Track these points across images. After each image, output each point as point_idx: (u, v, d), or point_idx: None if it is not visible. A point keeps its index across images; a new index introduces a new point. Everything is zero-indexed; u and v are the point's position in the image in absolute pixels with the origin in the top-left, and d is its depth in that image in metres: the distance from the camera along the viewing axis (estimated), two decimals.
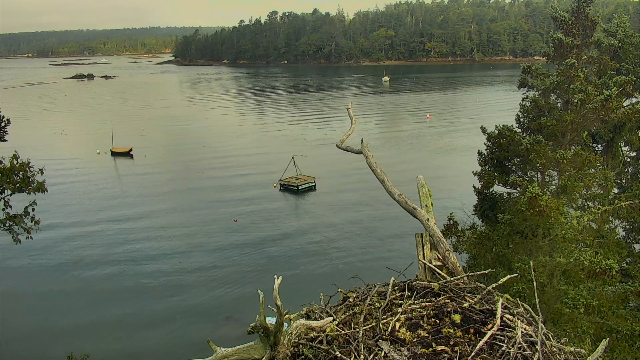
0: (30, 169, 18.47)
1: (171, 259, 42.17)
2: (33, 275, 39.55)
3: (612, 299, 15.33)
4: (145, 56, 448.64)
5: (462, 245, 17.04)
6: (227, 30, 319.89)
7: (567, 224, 15.14)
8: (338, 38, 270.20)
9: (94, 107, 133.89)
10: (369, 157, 11.19)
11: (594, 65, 18.21)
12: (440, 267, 8.07)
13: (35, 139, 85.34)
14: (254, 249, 43.43)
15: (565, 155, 15.71)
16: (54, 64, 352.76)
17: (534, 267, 13.50)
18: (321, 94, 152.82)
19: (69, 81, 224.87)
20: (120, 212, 53.69)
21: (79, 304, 35.20)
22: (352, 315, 6.51)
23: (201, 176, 66.68)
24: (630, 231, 19.72)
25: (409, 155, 72.69)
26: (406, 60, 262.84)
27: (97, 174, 68.88)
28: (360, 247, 43.02)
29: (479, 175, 18.51)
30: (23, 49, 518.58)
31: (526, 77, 18.55)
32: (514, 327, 5.92)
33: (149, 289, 37.36)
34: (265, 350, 6.13)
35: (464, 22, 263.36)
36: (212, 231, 47.78)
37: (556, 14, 17.41)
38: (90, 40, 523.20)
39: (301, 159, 61.63)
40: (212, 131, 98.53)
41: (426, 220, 8.87)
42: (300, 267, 39.79)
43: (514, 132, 17.41)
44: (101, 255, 43.04)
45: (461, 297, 6.65)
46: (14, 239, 18.93)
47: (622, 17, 20.38)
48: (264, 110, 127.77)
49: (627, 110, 16.27)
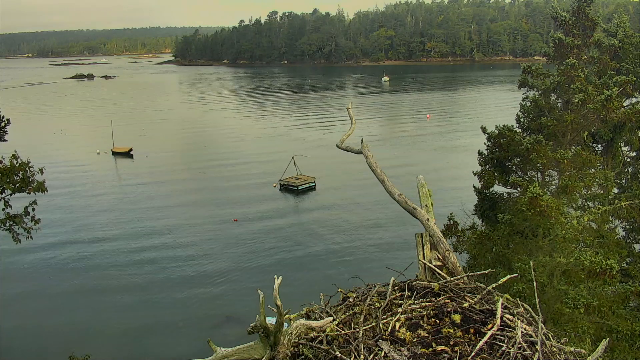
0: (30, 169, 18.44)
1: (171, 258, 42.16)
2: (33, 275, 39.55)
3: (612, 299, 15.32)
4: (145, 56, 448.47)
5: (462, 245, 17.04)
6: (227, 30, 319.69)
7: (567, 224, 15.13)
8: (338, 38, 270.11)
9: (94, 107, 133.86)
10: (369, 157, 11.17)
11: (594, 65, 18.22)
12: (440, 267, 8.06)
13: (35, 139, 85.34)
14: (254, 249, 43.44)
15: (565, 155, 15.71)
16: (54, 64, 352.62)
17: (534, 267, 13.48)
18: (321, 94, 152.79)
19: (69, 81, 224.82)
20: (120, 212, 53.69)
21: (79, 304, 35.20)
22: (352, 315, 6.51)
23: (202, 176, 66.72)
24: (630, 231, 19.72)
25: (409, 155, 72.68)
26: (406, 60, 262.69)
27: (97, 174, 68.88)
28: (360, 247, 43.02)
29: (479, 175, 18.51)
30: (23, 49, 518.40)
31: (526, 77, 18.55)
32: (514, 327, 5.92)
33: (149, 288, 37.35)
34: (265, 350, 6.13)
35: (464, 22, 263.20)
36: (212, 231, 47.77)
37: (556, 14, 17.42)
38: (91, 40, 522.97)
39: (301, 159, 61.62)
40: (212, 131, 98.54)
41: (426, 220, 8.86)
42: (300, 267, 39.78)
43: (514, 132, 17.41)
44: (101, 255, 43.04)
45: (461, 297, 6.64)
46: (14, 239, 18.90)
47: (622, 17, 20.38)
48: (264, 110, 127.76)
49: (627, 110, 16.27)
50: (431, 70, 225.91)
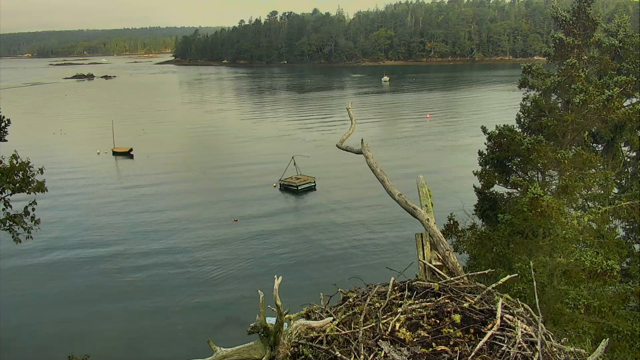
0: (30, 169, 18.47)
1: (171, 258, 42.16)
2: (33, 275, 39.51)
3: (612, 299, 15.32)
4: (145, 56, 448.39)
5: (462, 245, 17.03)
6: (227, 30, 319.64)
7: (568, 224, 15.13)
8: (338, 38, 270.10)
9: (94, 107, 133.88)
10: (369, 157, 11.17)
11: (595, 65, 18.21)
12: (440, 267, 8.06)
13: (35, 139, 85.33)
14: (254, 249, 43.43)
15: (566, 155, 15.70)
16: (54, 64, 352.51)
17: (534, 267, 13.49)
18: (321, 94, 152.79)
19: (69, 81, 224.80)
20: (120, 212, 53.68)
21: (79, 304, 35.18)
22: (352, 315, 6.51)
23: (202, 176, 66.72)
24: (630, 231, 19.73)
25: (409, 155, 72.65)
26: (406, 60, 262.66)
27: (97, 174, 68.86)
28: (360, 247, 43.02)
29: (480, 175, 18.51)
30: (23, 49, 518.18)
31: (527, 77, 18.55)
32: (514, 327, 5.91)
33: (149, 288, 37.36)
34: (265, 350, 6.12)
35: (464, 22, 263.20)
36: (213, 231, 47.77)
37: (557, 14, 17.42)
38: (91, 40, 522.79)
39: (301, 159, 61.64)
40: (212, 131, 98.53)
41: (426, 220, 8.86)
42: (301, 267, 39.78)
43: (514, 132, 17.41)
44: (101, 255, 43.03)
45: (461, 297, 6.64)
46: (14, 238, 18.93)
47: (622, 17, 20.41)
48: (264, 110, 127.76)
49: (627, 110, 16.26)
50: (431, 70, 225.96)
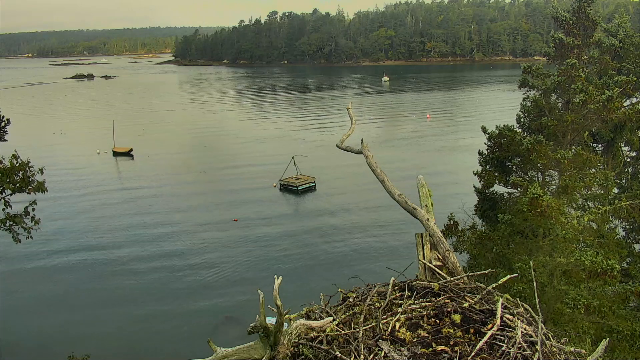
0: (30, 169, 18.48)
1: (171, 259, 42.16)
2: (33, 275, 39.51)
3: (612, 299, 15.32)
4: (145, 56, 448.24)
5: (462, 245, 17.04)
6: (227, 30, 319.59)
7: (568, 224, 15.13)
8: (338, 38, 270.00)
9: (94, 107, 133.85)
10: (369, 157, 11.17)
11: (595, 65, 18.21)
12: (440, 267, 8.06)
13: (35, 139, 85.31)
14: (254, 249, 43.43)
15: (566, 155, 15.70)
16: (54, 64, 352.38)
17: (534, 267, 13.49)
18: (321, 94, 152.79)
19: (69, 81, 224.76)
20: (120, 212, 53.67)
21: (79, 304, 35.18)
22: (352, 315, 6.51)
23: (203, 176, 66.71)
24: (630, 231, 19.73)
25: (409, 155, 72.65)
26: (406, 60, 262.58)
27: (98, 174, 68.83)
28: (360, 247, 43.02)
29: (480, 175, 18.52)
30: (23, 49, 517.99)
31: (527, 77, 18.55)
32: (514, 327, 5.91)
33: (149, 288, 37.36)
34: (265, 350, 6.12)
35: (464, 22, 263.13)
36: (213, 231, 47.76)
37: (557, 14, 17.41)
38: (91, 40, 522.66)
39: (301, 159, 61.64)
40: (213, 131, 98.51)
41: (426, 220, 8.86)
42: (301, 267, 39.78)
43: (514, 132, 17.41)
44: (101, 255, 43.02)
45: (461, 297, 6.64)
46: (14, 238, 18.94)
47: (622, 17, 20.41)
48: (264, 110, 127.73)
49: (627, 111, 16.26)
50: (431, 70, 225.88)
